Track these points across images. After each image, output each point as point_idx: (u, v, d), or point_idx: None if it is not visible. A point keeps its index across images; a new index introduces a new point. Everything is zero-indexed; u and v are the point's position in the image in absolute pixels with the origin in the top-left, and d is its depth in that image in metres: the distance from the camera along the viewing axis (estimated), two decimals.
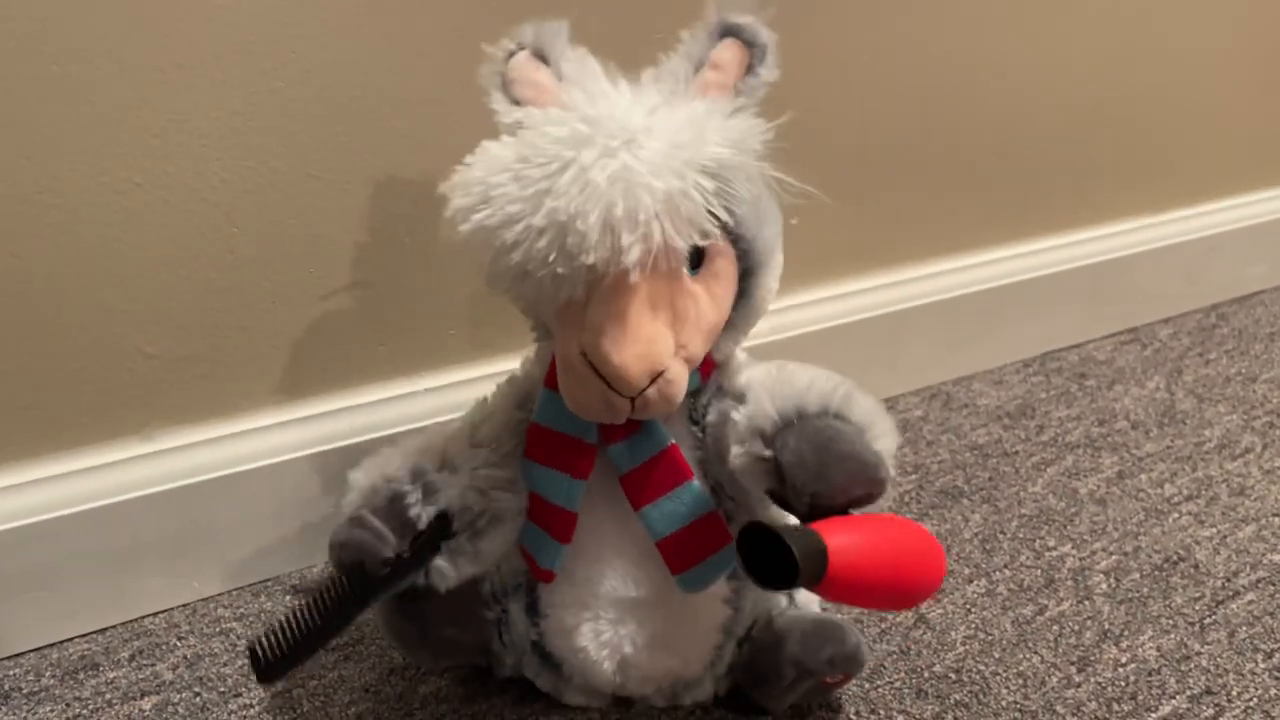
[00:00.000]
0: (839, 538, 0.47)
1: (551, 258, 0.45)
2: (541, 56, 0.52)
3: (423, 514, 0.53)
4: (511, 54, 0.52)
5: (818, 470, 0.49)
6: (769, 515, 0.56)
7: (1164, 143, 1.06)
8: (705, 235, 0.47)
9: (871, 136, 0.87)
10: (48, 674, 0.66)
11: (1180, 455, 0.89)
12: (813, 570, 0.45)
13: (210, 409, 0.70)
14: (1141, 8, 0.97)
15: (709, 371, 0.56)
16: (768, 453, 0.51)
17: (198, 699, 0.64)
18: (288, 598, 0.72)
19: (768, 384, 0.53)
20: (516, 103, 0.51)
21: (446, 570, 0.54)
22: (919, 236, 0.94)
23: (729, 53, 0.51)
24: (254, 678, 0.52)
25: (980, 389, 0.99)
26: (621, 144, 0.45)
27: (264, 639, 0.52)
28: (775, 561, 0.46)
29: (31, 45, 0.57)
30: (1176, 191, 1.10)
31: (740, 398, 0.54)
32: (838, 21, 0.81)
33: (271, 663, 0.52)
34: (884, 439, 0.51)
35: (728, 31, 0.52)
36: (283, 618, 0.52)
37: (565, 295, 0.47)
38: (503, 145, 0.48)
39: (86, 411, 0.66)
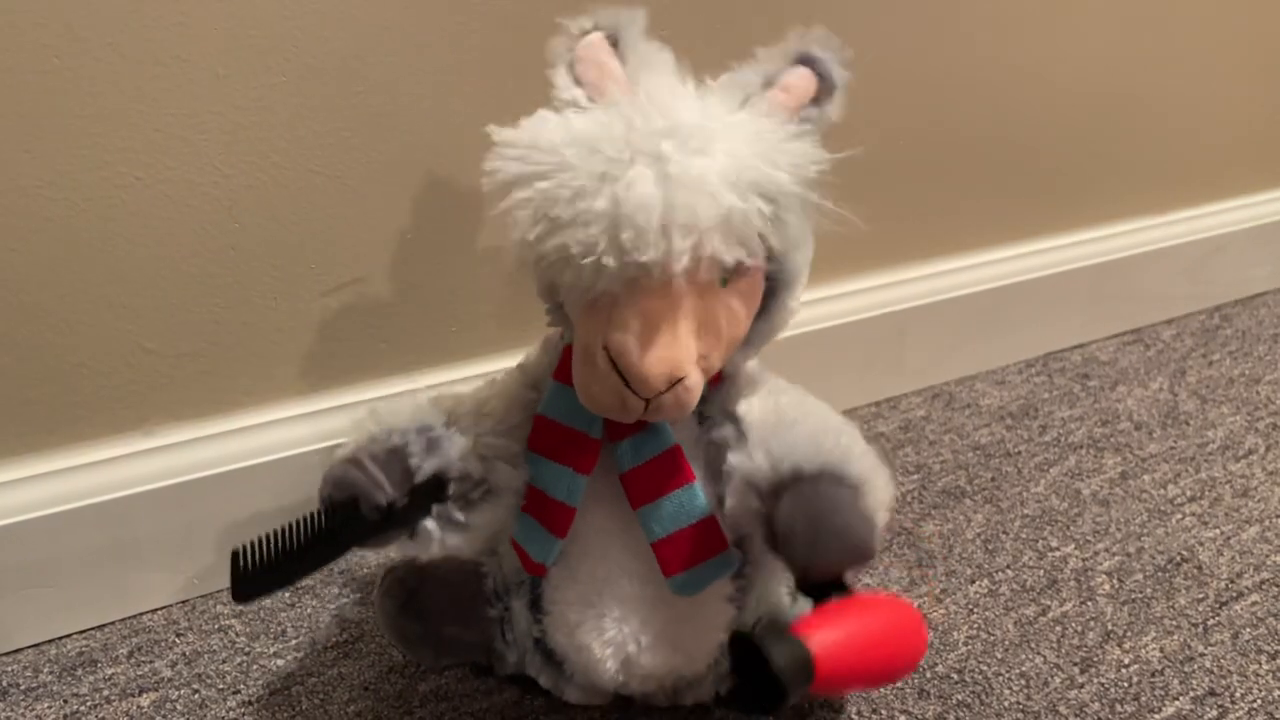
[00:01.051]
0: (826, 634, 0.48)
1: (602, 246, 0.45)
2: (614, 41, 0.51)
3: (423, 466, 0.52)
4: (585, 32, 0.52)
5: (809, 544, 0.48)
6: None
7: (1168, 143, 1.06)
8: (751, 255, 0.47)
9: (875, 136, 0.86)
10: (46, 670, 0.66)
11: (1183, 456, 0.89)
12: (800, 679, 0.47)
13: (210, 405, 0.70)
14: (1145, 7, 0.97)
15: (716, 383, 0.56)
16: (762, 509, 0.50)
17: (196, 696, 0.64)
18: (286, 594, 0.72)
19: (764, 429, 0.52)
20: (578, 82, 0.50)
21: (433, 533, 0.53)
22: (922, 236, 0.94)
23: (801, 80, 0.51)
24: (230, 591, 0.50)
25: (983, 389, 0.99)
26: (697, 147, 0.45)
27: (247, 547, 0.50)
28: (762, 668, 0.47)
29: (33, 38, 0.57)
30: (1180, 192, 1.10)
31: (738, 430, 0.54)
32: (839, 22, 0.81)
33: (250, 576, 0.50)
34: (880, 492, 0.51)
35: (804, 60, 0.52)
36: (265, 534, 0.50)
37: (603, 287, 0.47)
38: (570, 118, 0.47)
39: (86, 406, 0.66)
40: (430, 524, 0.53)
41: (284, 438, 0.71)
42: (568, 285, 0.48)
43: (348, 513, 0.51)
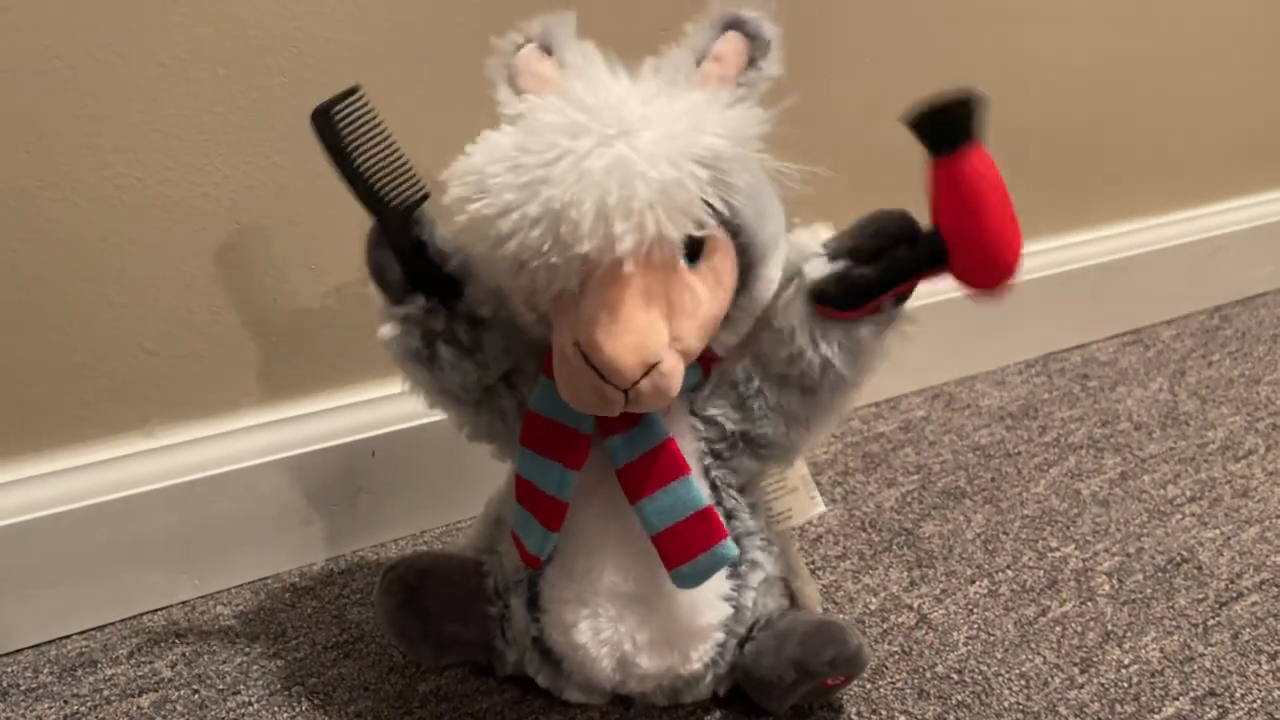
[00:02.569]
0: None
1: (546, 247, 0.45)
2: (548, 49, 0.52)
3: (451, 261, 0.53)
4: (519, 46, 0.52)
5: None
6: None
7: (1168, 144, 1.06)
8: (700, 226, 0.47)
9: (875, 137, 0.86)
10: (46, 671, 0.66)
11: (1183, 457, 0.89)
12: (975, 118, 0.47)
13: (211, 405, 0.70)
14: (1146, 9, 0.97)
15: (710, 366, 0.56)
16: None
17: (196, 696, 0.64)
18: (286, 594, 0.72)
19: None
20: (521, 95, 0.51)
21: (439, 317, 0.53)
22: None
23: (731, 45, 0.51)
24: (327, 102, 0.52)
25: (983, 389, 0.99)
26: (618, 133, 0.45)
27: (356, 108, 0.52)
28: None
29: (33, 39, 0.57)
30: (1180, 192, 1.10)
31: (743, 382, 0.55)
32: (840, 22, 0.81)
33: (335, 120, 0.51)
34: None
35: (731, 24, 0.51)
36: (374, 138, 0.52)
37: (559, 286, 0.47)
38: (502, 135, 0.48)
39: (86, 407, 0.66)
40: (444, 348, 0.54)
41: (284, 438, 0.71)
42: (530, 292, 0.48)
43: (404, 210, 0.52)
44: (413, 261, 0.53)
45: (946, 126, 0.47)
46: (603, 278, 0.47)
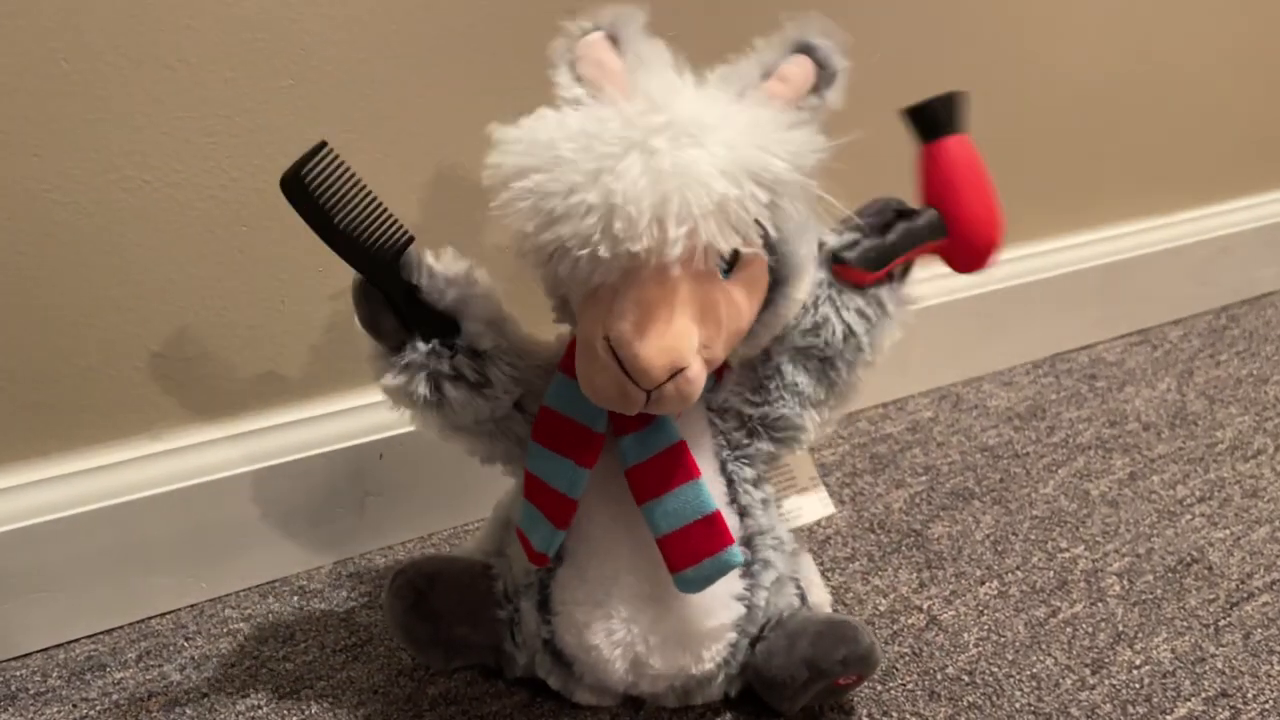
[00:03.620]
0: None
1: (596, 238, 0.45)
2: (614, 39, 0.52)
3: (446, 297, 0.53)
4: (586, 32, 0.52)
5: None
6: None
7: (1174, 143, 1.06)
8: (748, 243, 0.47)
9: (881, 137, 0.86)
10: (54, 675, 0.65)
11: (1192, 457, 0.89)
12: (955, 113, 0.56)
13: (218, 408, 0.70)
14: (1152, 8, 0.97)
15: (722, 372, 0.56)
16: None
17: (205, 700, 0.63)
18: (295, 598, 0.72)
19: None
20: (579, 80, 0.50)
21: (421, 360, 0.53)
22: None
23: (799, 69, 0.51)
24: (295, 164, 0.50)
25: (990, 390, 0.98)
26: (690, 139, 0.45)
27: (328, 164, 0.50)
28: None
29: (40, 42, 0.57)
30: (1187, 192, 1.10)
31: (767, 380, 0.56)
32: (842, 21, 0.81)
33: (307, 180, 0.50)
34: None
35: (802, 48, 0.52)
36: (353, 186, 0.51)
37: (600, 279, 0.47)
38: (567, 115, 0.47)
39: (93, 410, 0.66)
40: (451, 388, 0.53)
41: (292, 441, 0.71)
42: (567, 278, 0.48)
43: (390, 258, 0.51)
44: (406, 306, 0.52)
45: (935, 118, 0.56)
46: (645, 278, 0.46)
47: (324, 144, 0.50)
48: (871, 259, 0.55)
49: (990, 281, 0.97)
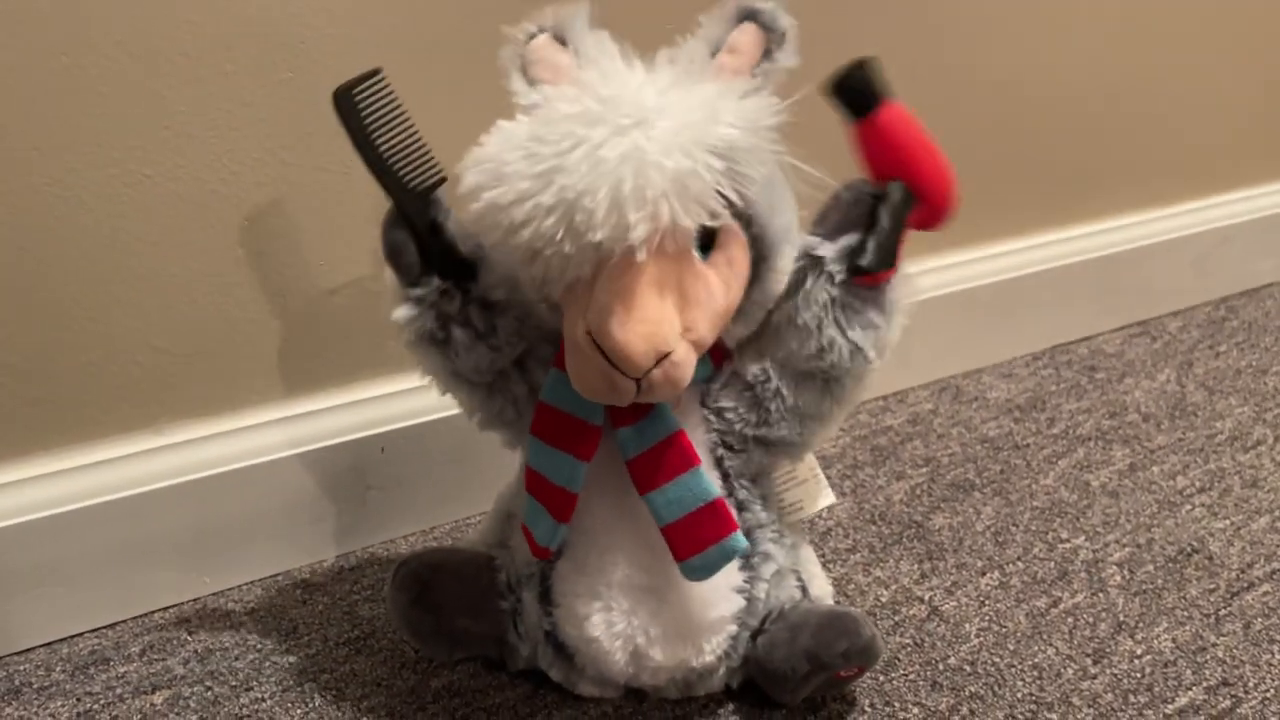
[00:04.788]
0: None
1: (559, 236, 0.45)
2: (561, 39, 0.52)
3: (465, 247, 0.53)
4: (532, 36, 0.52)
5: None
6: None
7: (1174, 135, 1.06)
8: (714, 216, 0.47)
9: None
10: (58, 669, 0.66)
11: (1192, 447, 0.89)
12: (877, 81, 0.53)
13: (220, 403, 0.70)
14: (1151, 0, 0.97)
15: (721, 359, 0.56)
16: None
17: (209, 693, 0.64)
18: (298, 591, 0.72)
19: None
20: (534, 85, 0.51)
21: (455, 302, 0.54)
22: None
23: (746, 37, 0.51)
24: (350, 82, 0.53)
25: (990, 382, 0.99)
26: (633, 123, 0.45)
27: (377, 89, 0.53)
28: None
29: (40, 36, 0.57)
30: (1186, 184, 1.10)
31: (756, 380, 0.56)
32: (840, 17, 0.81)
33: (356, 100, 0.52)
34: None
35: (746, 15, 0.51)
36: (395, 119, 0.53)
37: (572, 275, 0.47)
38: (517, 124, 0.48)
39: (96, 405, 0.66)
40: (458, 330, 0.54)
41: (294, 435, 0.71)
42: (543, 279, 0.49)
43: (422, 191, 0.53)
44: (429, 243, 0.53)
45: (858, 91, 0.52)
46: (616, 267, 0.47)
47: (378, 70, 0.53)
48: (886, 254, 0.53)
49: (990, 274, 0.97)
